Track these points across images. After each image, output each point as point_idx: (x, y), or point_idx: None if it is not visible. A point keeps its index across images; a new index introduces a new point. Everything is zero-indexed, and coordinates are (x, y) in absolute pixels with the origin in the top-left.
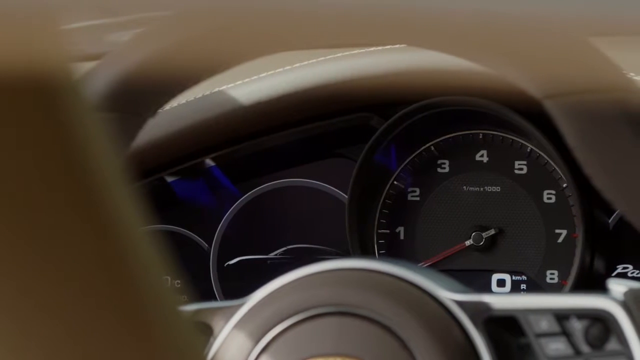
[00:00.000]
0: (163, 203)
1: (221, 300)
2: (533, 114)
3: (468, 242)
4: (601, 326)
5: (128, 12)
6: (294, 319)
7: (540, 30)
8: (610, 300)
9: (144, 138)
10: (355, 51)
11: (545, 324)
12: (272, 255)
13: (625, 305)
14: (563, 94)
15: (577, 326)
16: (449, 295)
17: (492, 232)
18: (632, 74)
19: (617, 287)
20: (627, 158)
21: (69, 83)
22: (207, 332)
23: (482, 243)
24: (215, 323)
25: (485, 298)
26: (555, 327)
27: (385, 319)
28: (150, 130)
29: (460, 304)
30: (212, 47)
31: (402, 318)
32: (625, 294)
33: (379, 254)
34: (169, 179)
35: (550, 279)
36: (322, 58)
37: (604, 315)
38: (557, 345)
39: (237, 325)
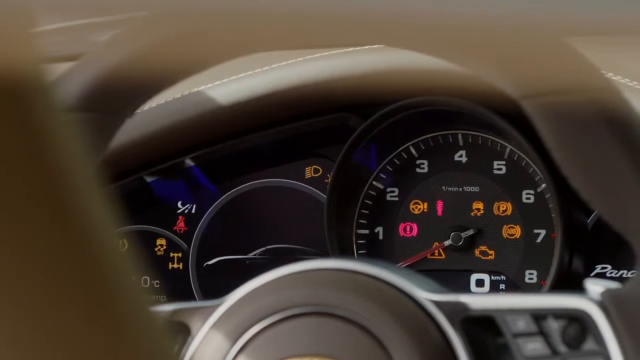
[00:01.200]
0: (142, 203)
1: (200, 300)
2: (512, 115)
3: (447, 242)
4: (578, 326)
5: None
6: (272, 319)
7: (518, 30)
8: (588, 300)
9: (122, 138)
10: (334, 51)
11: (522, 324)
12: (251, 255)
13: (602, 305)
14: (541, 95)
15: (554, 326)
16: (427, 295)
17: (470, 232)
18: (610, 74)
19: (594, 287)
20: (604, 158)
21: (41, 85)
22: (184, 332)
23: (460, 243)
24: (193, 323)
25: (463, 298)
26: (533, 327)
27: (363, 319)
28: (129, 130)
29: (438, 304)
30: (188, 48)
31: (379, 318)
32: (602, 294)
33: (358, 254)
34: (149, 179)
35: (529, 279)
36: (301, 58)
37: (581, 315)
38: (535, 345)
39: (215, 325)
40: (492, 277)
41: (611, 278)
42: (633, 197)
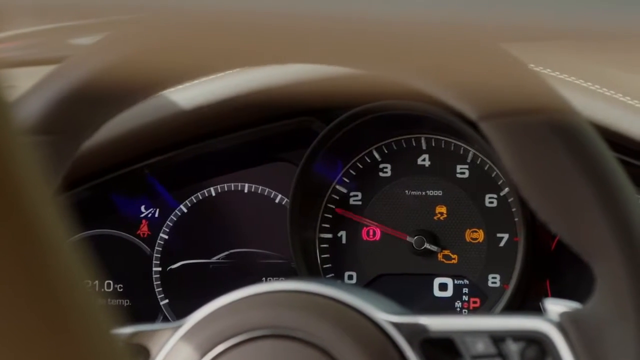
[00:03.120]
0: (105, 208)
1: (164, 305)
2: None
3: (410, 247)
4: (537, 348)
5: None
6: (231, 342)
7: (473, 52)
8: (546, 321)
9: (86, 143)
10: None
11: (481, 346)
12: (214, 259)
13: (560, 326)
14: (497, 116)
15: (513, 348)
16: (386, 317)
17: (434, 248)
18: (557, 73)
19: (554, 307)
20: (561, 180)
21: None
22: (144, 355)
23: (423, 247)
24: (153, 345)
25: (422, 320)
26: (492, 349)
27: (322, 341)
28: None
29: (397, 325)
30: (147, 68)
31: (338, 340)
32: (561, 315)
33: (321, 258)
34: (111, 184)
35: (492, 282)
36: None
37: (540, 337)
38: None
39: (174, 348)
40: (455, 281)
41: (573, 284)
42: (591, 219)
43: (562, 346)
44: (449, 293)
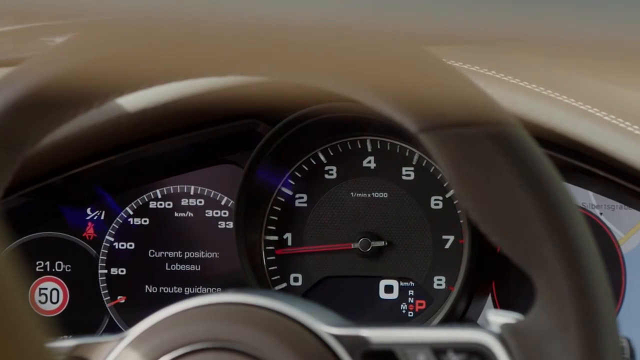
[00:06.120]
0: (50, 212)
1: (110, 308)
2: None
3: (355, 248)
4: (478, 359)
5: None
6: (173, 355)
7: (411, 65)
8: (487, 333)
9: None
10: None
11: (422, 358)
12: (158, 259)
13: (501, 338)
14: (437, 128)
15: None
16: (327, 329)
17: (380, 243)
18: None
19: (496, 318)
20: (501, 191)
21: None
22: None
23: (369, 250)
24: (95, 358)
25: (363, 332)
26: None
27: (263, 354)
28: None
29: (338, 337)
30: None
31: (279, 353)
32: (502, 326)
33: (266, 260)
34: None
35: (438, 284)
36: None
37: (481, 349)
38: None
39: None
40: (401, 284)
41: (519, 286)
42: (531, 232)
43: (502, 358)
44: (394, 295)
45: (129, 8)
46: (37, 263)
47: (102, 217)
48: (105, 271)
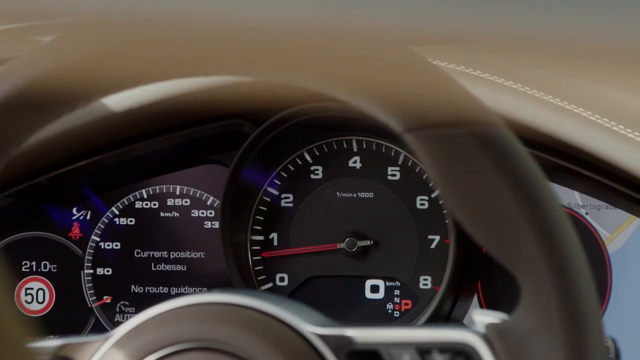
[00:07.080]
0: (36, 211)
1: (96, 308)
2: None
3: (341, 248)
4: (463, 359)
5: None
6: (158, 354)
7: (397, 65)
8: (472, 333)
9: None
10: None
11: (407, 358)
12: (144, 259)
13: (486, 337)
14: (421, 128)
15: (439, 359)
16: (312, 328)
17: (365, 242)
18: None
19: (481, 318)
20: (485, 193)
21: None
22: None
23: (355, 249)
24: (80, 358)
25: (348, 332)
26: None
27: (248, 354)
28: None
29: (323, 337)
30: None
31: (264, 353)
32: (487, 326)
33: (252, 260)
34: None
35: (424, 284)
36: None
37: (466, 349)
38: None
39: None
40: (387, 283)
41: (504, 285)
42: (515, 232)
43: (487, 357)
44: (380, 295)
45: (113, 9)
46: (23, 263)
47: (88, 217)
48: (91, 271)
